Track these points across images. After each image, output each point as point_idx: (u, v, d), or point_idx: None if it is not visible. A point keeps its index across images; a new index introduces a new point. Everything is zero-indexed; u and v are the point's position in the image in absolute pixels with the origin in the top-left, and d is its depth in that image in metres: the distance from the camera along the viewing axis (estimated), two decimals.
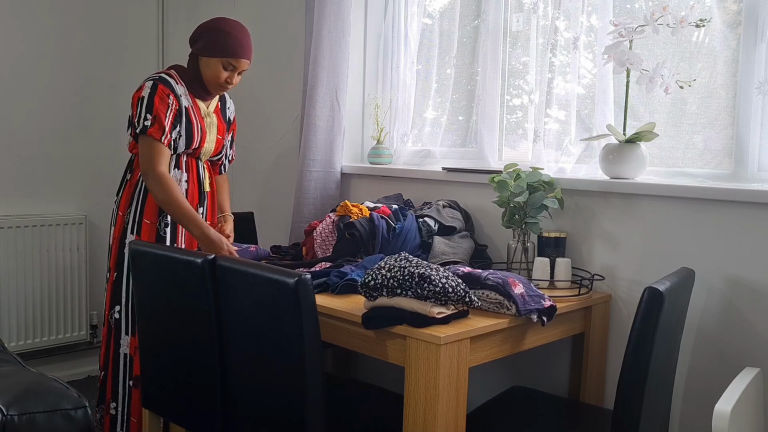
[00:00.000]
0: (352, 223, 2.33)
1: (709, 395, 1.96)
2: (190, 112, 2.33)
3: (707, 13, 2.10)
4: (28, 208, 3.39)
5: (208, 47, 2.32)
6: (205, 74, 2.34)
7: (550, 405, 2.13)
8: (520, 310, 1.79)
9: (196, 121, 2.35)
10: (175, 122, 2.29)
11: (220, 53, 2.31)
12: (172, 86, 2.31)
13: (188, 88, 2.37)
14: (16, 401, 1.66)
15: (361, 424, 2.04)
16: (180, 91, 2.33)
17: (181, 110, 2.31)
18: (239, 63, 2.33)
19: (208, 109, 2.44)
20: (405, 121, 2.95)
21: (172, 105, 2.27)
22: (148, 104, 2.25)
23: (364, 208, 2.42)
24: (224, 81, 2.34)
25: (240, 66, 2.34)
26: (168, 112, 2.26)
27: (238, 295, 1.77)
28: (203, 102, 2.42)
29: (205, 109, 2.43)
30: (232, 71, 2.34)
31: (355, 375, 2.92)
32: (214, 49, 2.31)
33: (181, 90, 2.34)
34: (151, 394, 2.12)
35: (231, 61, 2.32)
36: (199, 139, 2.37)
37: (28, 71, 3.36)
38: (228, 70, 2.33)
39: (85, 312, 3.54)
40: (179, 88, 2.33)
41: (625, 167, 2.15)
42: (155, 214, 2.34)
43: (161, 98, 2.26)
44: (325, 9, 2.83)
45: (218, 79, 2.33)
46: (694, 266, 1.98)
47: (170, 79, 2.33)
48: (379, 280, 1.73)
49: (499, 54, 2.61)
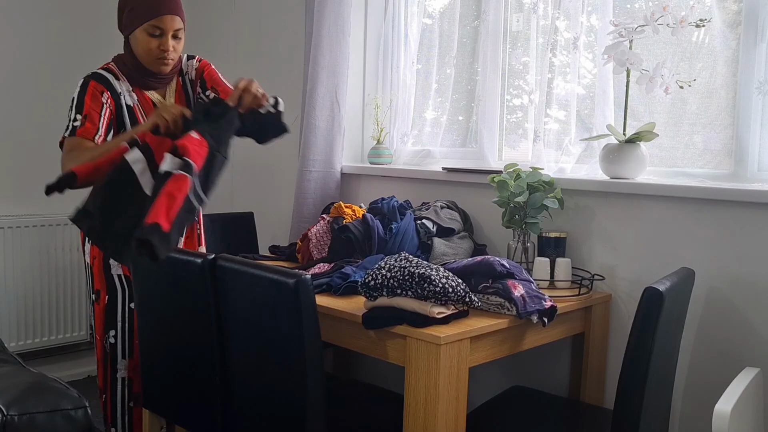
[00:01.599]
0: (346, 226, 2.33)
1: (709, 395, 1.96)
2: (136, 111, 2.08)
3: (707, 13, 2.10)
4: (28, 208, 3.39)
5: (128, 22, 2.02)
6: (138, 53, 2.04)
7: (550, 405, 2.13)
8: (520, 313, 1.79)
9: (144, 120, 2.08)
10: (110, 125, 2.04)
11: (139, 21, 1.99)
12: (109, 82, 2.04)
13: (132, 82, 2.11)
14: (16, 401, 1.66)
15: (361, 424, 2.04)
16: (121, 88, 2.07)
17: (121, 111, 2.06)
18: (163, 22, 1.99)
19: (166, 99, 2.17)
20: (405, 121, 2.95)
21: (106, 104, 2.02)
22: (78, 104, 2.01)
23: (357, 209, 2.42)
24: (158, 50, 2.02)
25: (167, 26, 2.00)
26: (102, 111, 2.00)
27: (238, 295, 1.77)
28: (158, 92, 2.16)
29: (162, 99, 2.16)
30: (161, 37, 2.02)
31: (355, 375, 2.92)
32: (133, 20, 2.00)
33: (122, 86, 2.07)
34: (151, 394, 2.12)
35: (153, 23, 1.98)
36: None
37: (28, 71, 3.36)
38: (156, 36, 2.01)
39: (85, 312, 3.54)
40: (120, 84, 2.06)
41: (625, 167, 2.15)
42: None
43: (92, 96, 2.00)
44: (325, 9, 2.83)
45: (150, 51, 2.02)
46: (694, 266, 1.98)
47: (107, 74, 2.06)
48: (379, 280, 1.73)
49: (499, 54, 2.61)
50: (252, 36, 3.40)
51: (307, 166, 2.89)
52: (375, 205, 2.48)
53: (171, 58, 2.06)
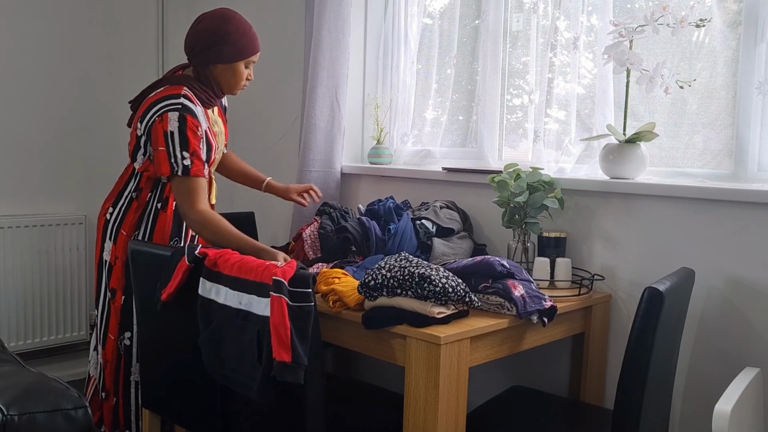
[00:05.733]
0: (344, 227, 2.33)
1: (709, 395, 1.96)
2: (208, 134, 2.20)
3: (707, 13, 2.10)
4: (28, 208, 3.39)
5: (227, 54, 2.18)
6: (227, 81, 2.23)
7: (550, 405, 2.13)
8: (520, 313, 1.79)
9: (213, 139, 2.24)
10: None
11: (240, 56, 2.20)
12: (196, 114, 2.14)
13: (203, 105, 2.23)
14: (16, 401, 1.65)
15: (361, 424, 2.04)
16: (200, 114, 2.17)
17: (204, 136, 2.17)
18: (257, 56, 2.27)
19: (215, 116, 2.32)
20: (405, 121, 2.95)
21: (202, 136, 2.14)
22: (182, 141, 2.08)
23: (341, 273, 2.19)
24: (246, 80, 2.27)
25: (257, 59, 2.27)
26: (201, 145, 2.13)
27: None
28: (210, 110, 2.29)
29: (214, 116, 2.31)
30: (250, 67, 2.27)
31: (355, 375, 2.92)
32: (235, 54, 2.19)
33: (200, 111, 2.18)
34: (151, 394, 2.12)
35: (252, 58, 2.24)
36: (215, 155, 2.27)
37: (28, 71, 3.36)
38: (248, 68, 2.26)
39: (85, 312, 3.54)
40: (198, 109, 2.16)
41: (625, 167, 2.15)
42: (166, 239, 2.24)
43: (193, 132, 2.10)
44: (325, 9, 2.83)
45: (241, 81, 2.25)
46: (694, 266, 1.98)
47: (191, 104, 2.14)
48: (379, 280, 1.73)
49: (499, 54, 2.61)
50: None
51: (307, 166, 2.89)
52: (372, 207, 2.48)
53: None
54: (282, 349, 1.59)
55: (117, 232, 2.26)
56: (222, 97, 2.33)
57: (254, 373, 1.66)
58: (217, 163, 2.37)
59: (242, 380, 1.71)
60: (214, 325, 1.78)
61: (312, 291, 1.65)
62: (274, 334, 1.60)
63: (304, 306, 1.63)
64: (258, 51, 2.25)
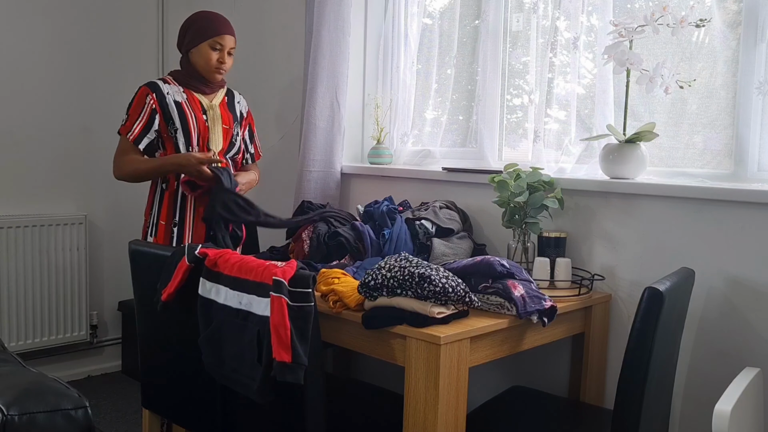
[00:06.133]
0: (337, 231, 2.33)
1: (709, 395, 1.96)
2: (183, 106, 2.43)
3: (707, 13, 2.10)
4: (28, 208, 3.39)
5: (193, 37, 2.45)
6: (198, 64, 2.46)
7: (550, 405, 2.13)
8: (520, 313, 1.79)
9: (190, 113, 2.44)
10: (151, 119, 2.41)
11: (203, 37, 2.43)
12: (157, 86, 2.44)
13: (185, 86, 2.48)
14: (16, 401, 1.65)
15: (361, 424, 2.04)
16: (168, 89, 2.45)
17: (166, 107, 2.41)
18: (224, 40, 2.45)
19: (211, 103, 2.51)
20: (405, 121, 2.95)
21: (149, 103, 2.41)
22: (128, 106, 2.45)
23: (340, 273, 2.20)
24: (216, 62, 2.45)
25: (225, 43, 2.45)
26: (142, 111, 2.40)
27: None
28: (205, 96, 2.51)
29: (208, 102, 2.50)
30: (220, 51, 2.45)
31: (355, 375, 2.92)
32: (198, 36, 2.43)
33: (171, 88, 2.45)
34: (151, 394, 2.12)
35: (216, 39, 2.43)
36: (197, 130, 2.43)
37: (28, 71, 3.36)
38: (216, 50, 2.44)
39: (85, 312, 3.54)
40: (168, 87, 2.46)
41: (625, 167, 2.15)
42: (169, 215, 2.44)
43: (139, 98, 2.42)
44: (325, 9, 2.83)
45: (210, 62, 2.44)
46: (694, 266, 1.98)
47: (159, 81, 2.47)
48: (379, 280, 1.73)
49: (499, 54, 2.61)
50: (252, 36, 3.40)
51: (307, 166, 2.89)
52: (369, 209, 2.47)
53: (224, 69, 2.50)
54: (282, 349, 1.59)
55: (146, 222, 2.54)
56: (212, 85, 2.53)
57: (254, 373, 1.66)
58: (217, 146, 2.49)
59: (242, 380, 1.71)
60: (214, 325, 1.78)
61: (312, 291, 1.65)
62: (274, 334, 1.60)
63: (304, 306, 1.63)
64: (222, 33, 2.45)
